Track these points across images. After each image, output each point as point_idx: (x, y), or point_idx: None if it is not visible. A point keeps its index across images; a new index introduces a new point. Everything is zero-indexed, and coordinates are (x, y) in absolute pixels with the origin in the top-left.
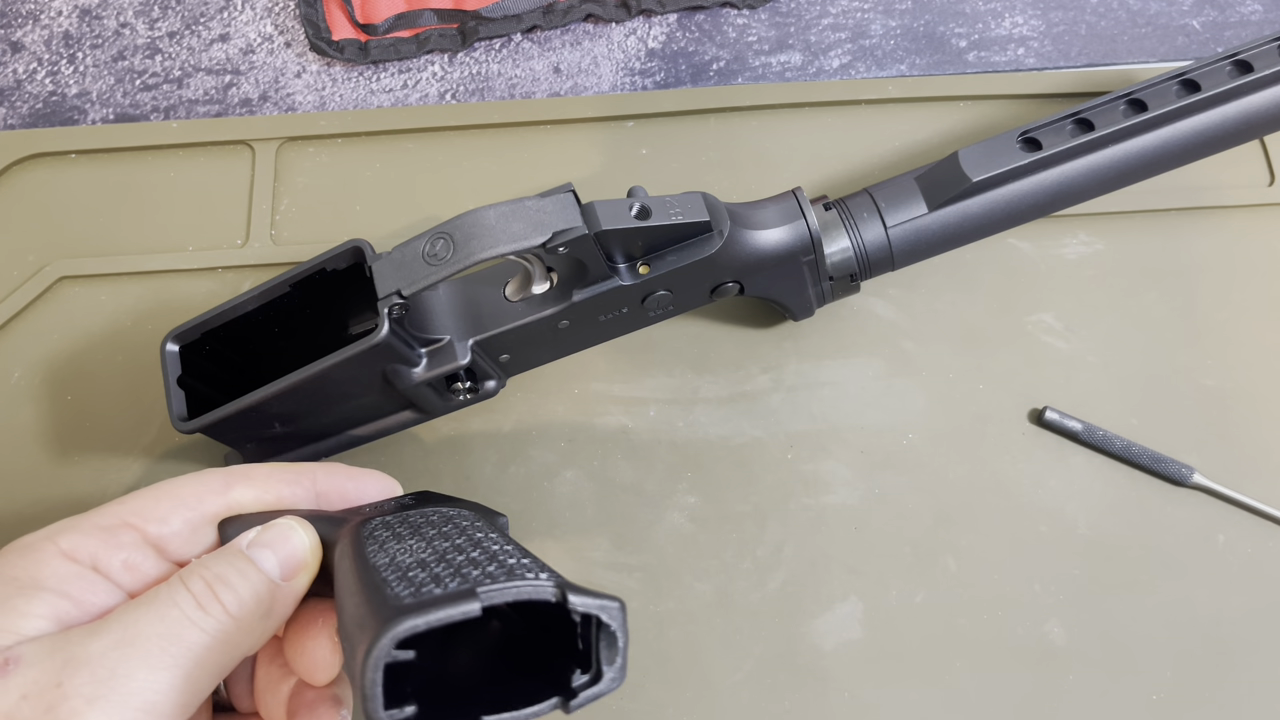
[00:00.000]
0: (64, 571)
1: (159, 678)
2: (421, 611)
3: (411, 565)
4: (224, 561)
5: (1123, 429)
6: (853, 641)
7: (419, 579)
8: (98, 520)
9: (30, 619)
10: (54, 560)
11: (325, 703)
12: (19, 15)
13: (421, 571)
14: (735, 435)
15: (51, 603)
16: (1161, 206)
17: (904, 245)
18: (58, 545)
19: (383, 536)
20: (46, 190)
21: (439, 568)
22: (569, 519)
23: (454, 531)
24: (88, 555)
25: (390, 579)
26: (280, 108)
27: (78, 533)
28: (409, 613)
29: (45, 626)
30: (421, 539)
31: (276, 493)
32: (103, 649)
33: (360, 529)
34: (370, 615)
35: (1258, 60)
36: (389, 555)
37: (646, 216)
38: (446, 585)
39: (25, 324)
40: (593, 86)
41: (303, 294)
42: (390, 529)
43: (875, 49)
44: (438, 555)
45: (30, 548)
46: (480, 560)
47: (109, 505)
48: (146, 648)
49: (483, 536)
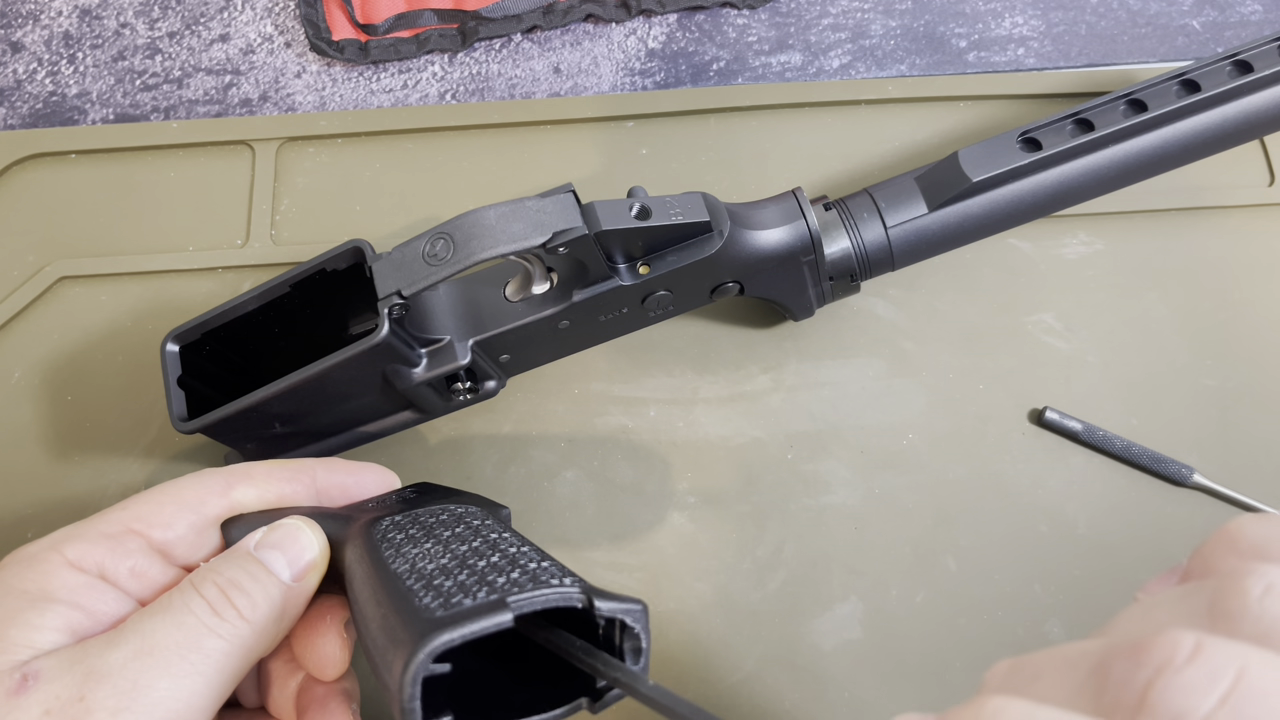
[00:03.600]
0: (73, 582)
1: (181, 686)
2: (456, 625)
3: (435, 572)
4: (235, 565)
5: (1123, 429)
6: (853, 641)
7: (446, 588)
8: (102, 528)
9: (44, 632)
10: (62, 571)
11: (335, 697)
12: (19, 15)
13: (447, 580)
14: (735, 435)
15: (64, 614)
16: (1161, 206)
17: (904, 245)
18: (64, 555)
19: (397, 539)
20: (47, 190)
21: (463, 575)
22: (569, 519)
23: (468, 533)
24: (94, 564)
25: (416, 588)
26: (280, 108)
27: (83, 541)
28: (444, 627)
29: (60, 639)
30: (438, 542)
31: (278, 491)
32: (123, 660)
33: (370, 530)
34: (402, 628)
35: (1258, 60)
36: (408, 561)
37: (646, 217)
38: (475, 595)
39: (25, 324)
40: (593, 87)
41: (303, 294)
42: (403, 530)
43: (875, 49)
44: (458, 560)
45: (36, 558)
46: (502, 565)
47: (111, 511)
48: (166, 657)
49: (497, 537)
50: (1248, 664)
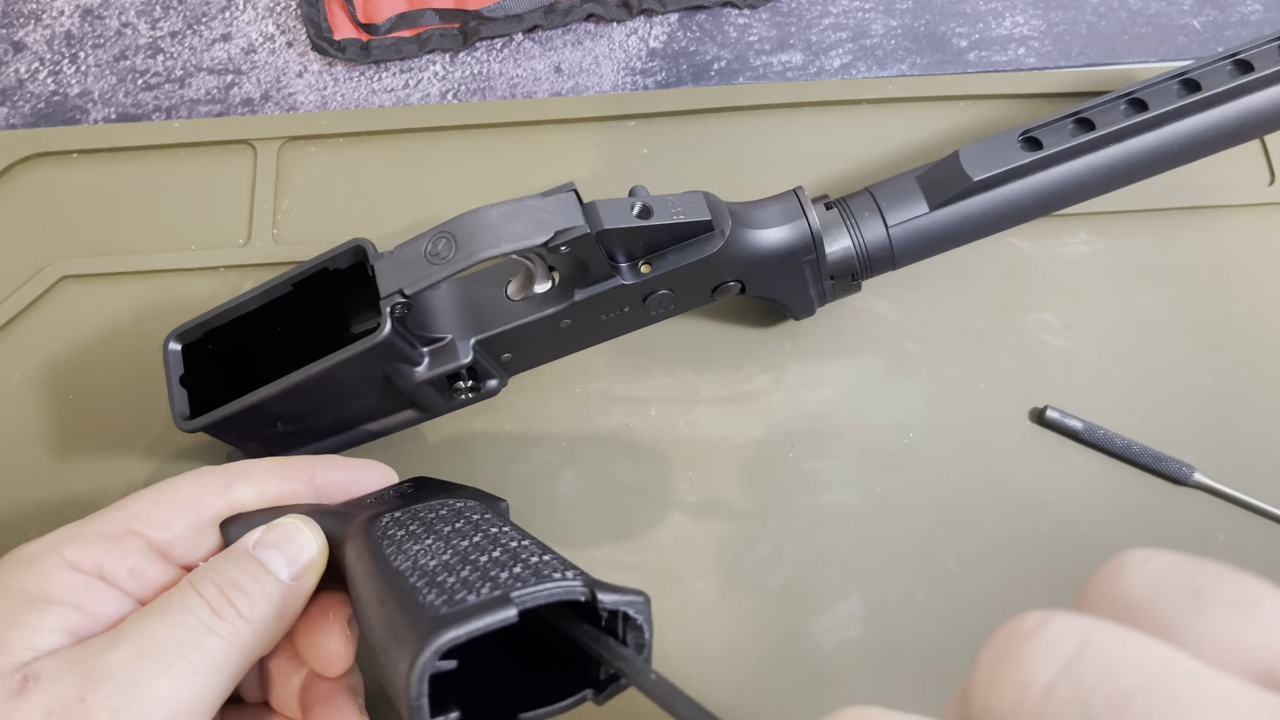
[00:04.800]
0: (72, 583)
1: (181, 686)
2: (461, 621)
3: (437, 569)
4: (234, 565)
5: (1123, 428)
6: (853, 640)
7: (449, 584)
8: (100, 528)
9: (44, 633)
10: (61, 571)
11: (341, 693)
12: (21, 15)
13: (449, 576)
14: (735, 435)
15: (63, 615)
16: (1161, 206)
17: (905, 244)
18: (62, 556)
19: (398, 536)
20: (48, 190)
21: (465, 571)
22: (570, 519)
23: (469, 528)
24: (93, 565)
25: (419, 585)
26: (282, 107)
27: (81, 541)
28: (449, 624)
29: (59, 640)
30: (439, 538)
31: (276, 489)
32: (123, 660)
33: (370, 527)
34: (407, 626)
35: (1258, 60)
36: (410, 558)
37: (648, 216)
38: (479, 591)
39: (27, 324)
40: (594, 86)
41: (305, 293)
42: (403, 526)
43: (876, 49)
44: (460, 556)
45: (34, 559)
46: (504, 560)
47: (109, 511)
48: (166, 657)
49: (498, 531)
50: (1090, 632)
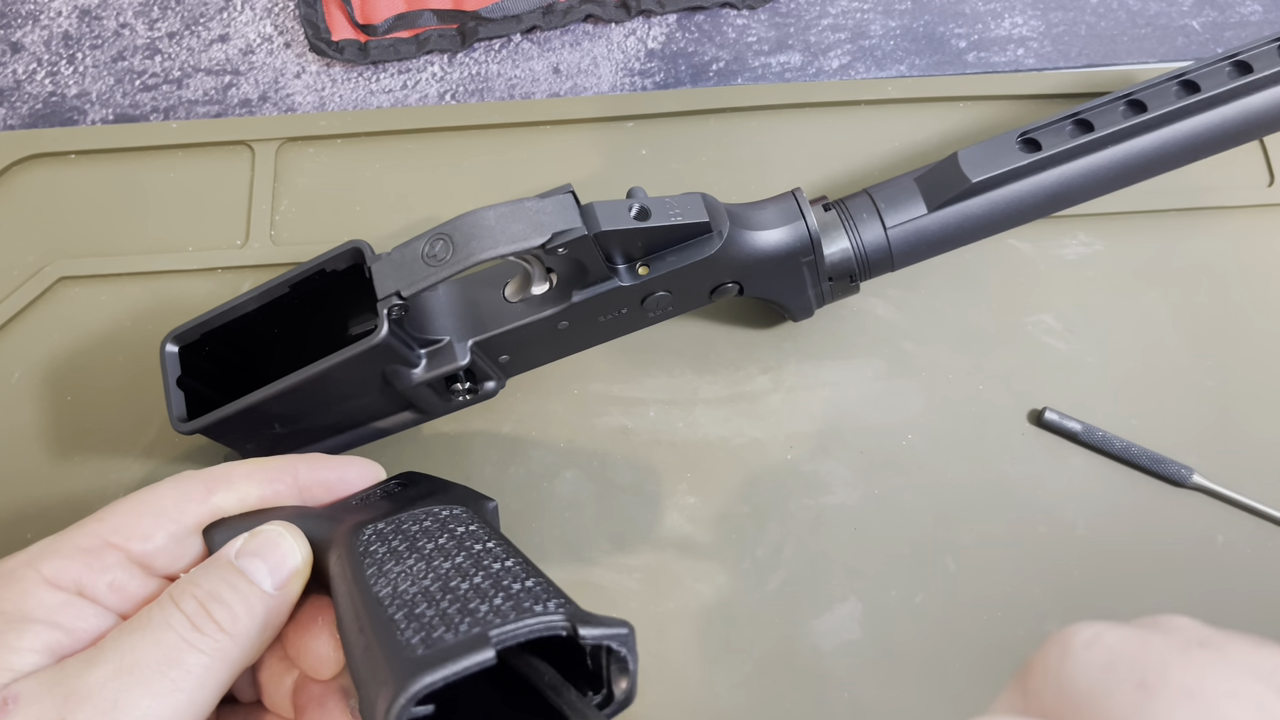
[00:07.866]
0: (50, 600)
1: (163, 703)
2: (437, 666)
3: (417, 597)
4: (215, 576)
5: (1122, 429)
6: (852, 642)
7: (428, 618)
8: (78, 542)
9: (23, 654)
10: (39, 589)
11: (333, 695)
12: (18, 16)
13: (428, 607)
14: (735, 435)
15: (42, 635)
16: (1161, 207)
17: (903, 246)
18: (40, 573)
19: (380, 554)
20: (46, 190)
21: (444, 602)
22: (568, 520)
23: (452, 546)
24: (72, 581)
25: (398, 618)
26: (280, 108)
27: (59, 557)
28: (425, 668)
29: (39, 660)
30: (420, 557)
31: (259, 492)
32: (102, 679)
33: (354, 540)
34: (385, 663)
35: (1258, 61)
36: (390, 582)
37: (646, 217)
38: (457, 628)
39: (25, 324)
40: (592, 87)
41: (302, 295)
42: (386, 542)
43: (875, 49)
44: (440, 583)
45: (12, 576)
46: (485, 589)
47: (88, 523)
48: (146, 675)
49: (481, 549)
50: None
